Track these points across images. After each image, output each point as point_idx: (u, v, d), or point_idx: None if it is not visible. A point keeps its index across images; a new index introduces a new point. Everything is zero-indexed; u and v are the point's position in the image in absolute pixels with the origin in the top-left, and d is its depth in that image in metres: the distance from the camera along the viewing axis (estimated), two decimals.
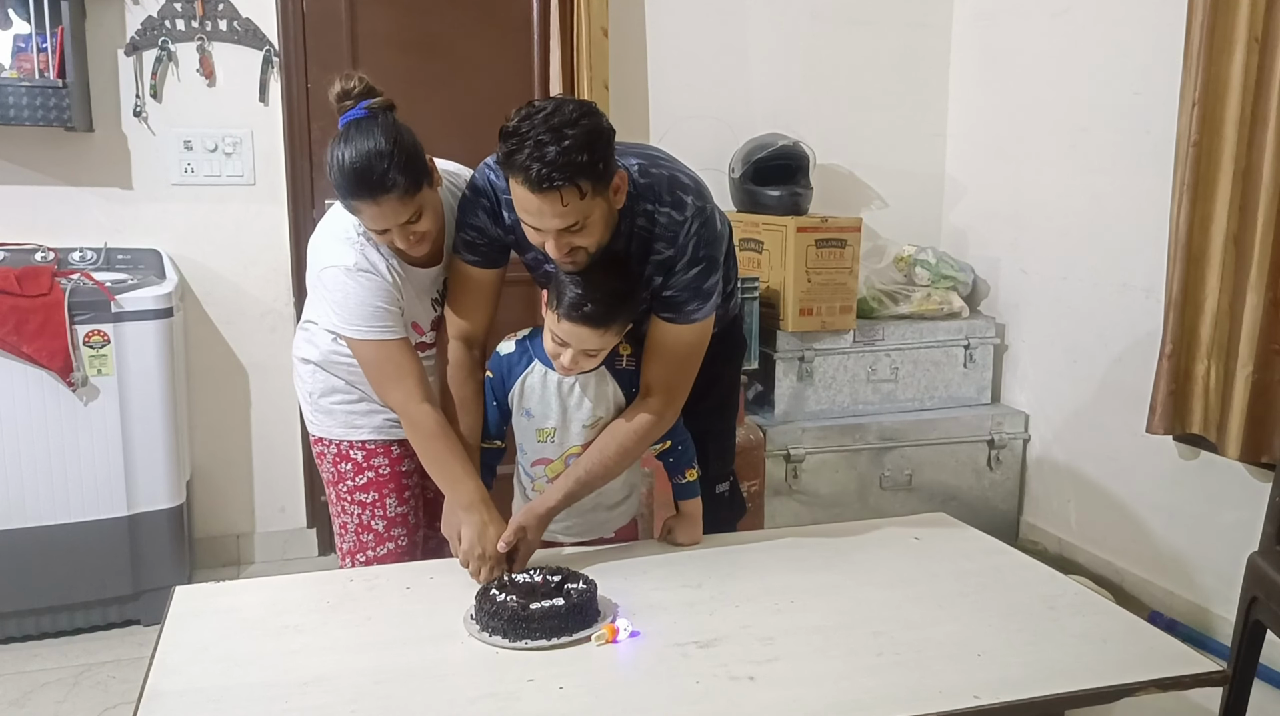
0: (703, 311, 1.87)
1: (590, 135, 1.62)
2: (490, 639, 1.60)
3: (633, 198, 1.80)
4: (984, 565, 1.94)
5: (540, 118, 1.62)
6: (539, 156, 1.59)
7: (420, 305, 2.04)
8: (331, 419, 2.13)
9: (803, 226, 3.31)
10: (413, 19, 3.40)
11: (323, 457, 2.16)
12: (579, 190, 1.63)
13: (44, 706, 2.57)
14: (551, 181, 1.60)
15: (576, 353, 1.80)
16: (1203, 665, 1.58)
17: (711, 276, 1.85)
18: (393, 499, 2.13)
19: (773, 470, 3.33)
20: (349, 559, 2.17)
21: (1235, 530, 2.81)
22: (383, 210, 1.81)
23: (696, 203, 1.82)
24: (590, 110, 1.67)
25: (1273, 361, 2.67)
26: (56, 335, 2.71)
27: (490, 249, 1.95)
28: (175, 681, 1.49)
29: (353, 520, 2.15)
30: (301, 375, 2.17)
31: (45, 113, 2.87)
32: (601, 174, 1.65)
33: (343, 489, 2.14)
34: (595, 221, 1.70)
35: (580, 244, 1.73)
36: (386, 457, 2.12)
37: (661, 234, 1.82)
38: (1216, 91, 2.69)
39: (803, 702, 1.44)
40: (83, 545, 2.84)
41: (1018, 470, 3.64)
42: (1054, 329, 3.50)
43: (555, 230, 1.69)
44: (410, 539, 2.18)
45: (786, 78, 3.76)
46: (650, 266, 1.84)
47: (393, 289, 1.93)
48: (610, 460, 1.89)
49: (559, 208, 1.64)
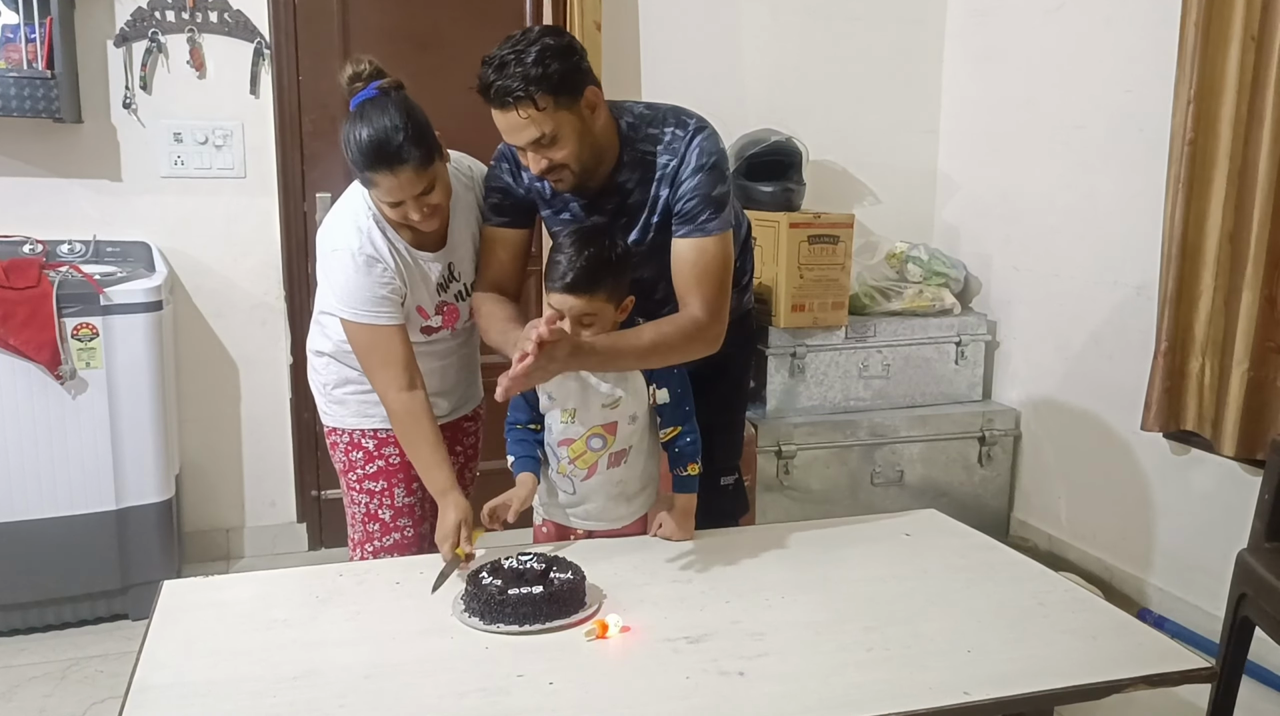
0: (717, 220, 1.92)
1: (547, 51, 1.75)
2: (469, 620, 1.63)
3: (634, 126, 1.93)
4: (974, 561, 1.94)
5: (509, 43, 1.76)
6: (501, 74, 1.74)
7: (425, 289, 2.07)
8: (345, 408, 2.17)
9: (795, 222, 3.31)
10: (405, 11, 3.39)
11: (335, 447, 2.20)
12: (534, 103, 1.75)
13: (31, 700, 2.56)
14: (512, 93, 1.74)
15: (572, 322, 1.83)
16: (1191, 661, 1.58)
17: (719, 184, 1.91)
18: (401, 489, 2.17)
19: (764, 466, 3.33)
20: (358, 549, 2.20)
21: (1224, 527, 2.82)
22: (399, 182, 1.88)
23: (699, 124, 1.94)
24: (555, 31, 1.82)
25: (1267, 358, 2.68)
26: (45, 328, 2.69)
27: (515, 209, 2.06)
28: (163, 675, 1.48)
29: (360, 509, 2.18)
30: (316, 367, 2.22)
31: (34, 104, 2.86)
32: (559, 85, 1.76)
33: (353, 477, 2.18)
34: (566, 135, 1.81)
35: (557, 159, 1.83)
36: (397, 447, 2.14)
37: (666, 149, 1.92)
38: (1212, 89, 2.69)
39: (793, 698, 1.44)
40: (71, 539, 2.83)
41: (1008, 467, 3.65)
42: (1045, 326, 3.51)
43: (528, 145, 1.80)
44: (416, 531, 2.20)
45: (779, 73, 3.75)
46: (655, 183, 1.93)
47: (395, 276, 1.98)
48: (644, 342, 1.85)
49: (520, 120, 1.77)
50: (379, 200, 1.96)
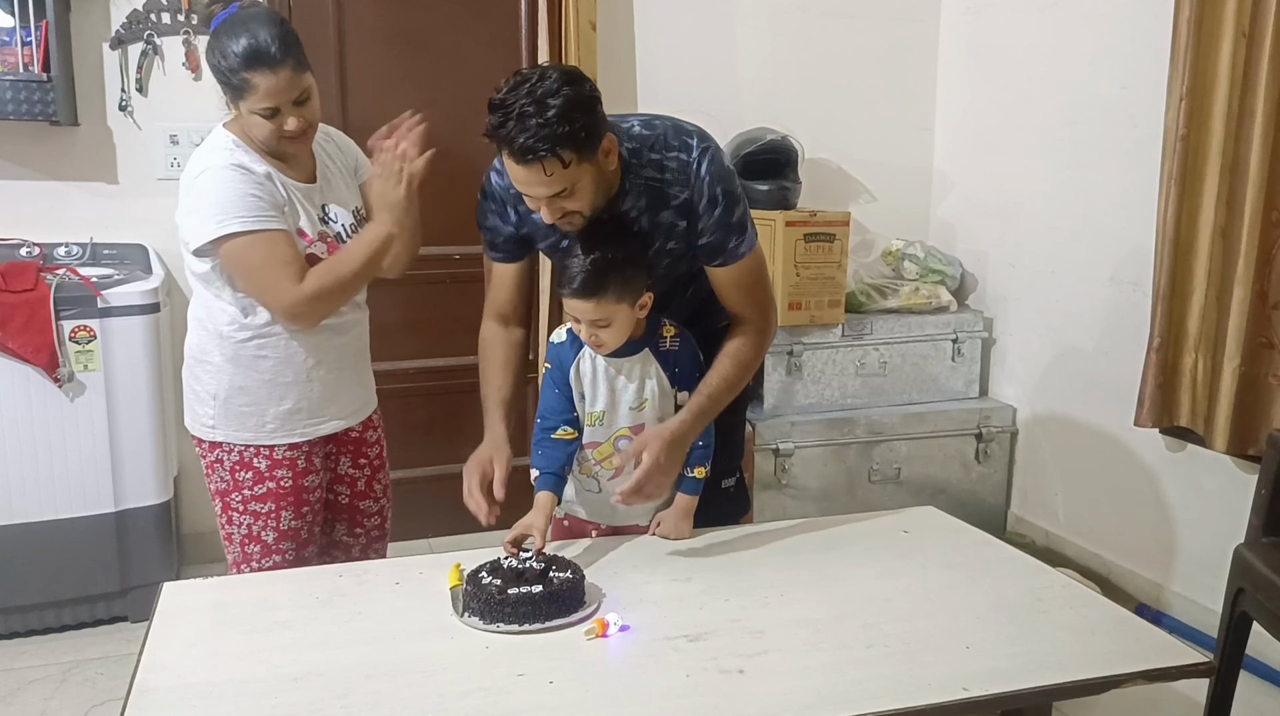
0: (745, 243, 1.92)
1: (571, 104, 1.67)
2: (469, 619, 1.63)
3: (636, 152, 1.86)
4: (972, 558, 1.94)
5: (525, 89, 1.67)
6: (522, 128, 1.65)
7: (301, 214, 2.01)
8: (237, 422, 2.04)
9: (791, 220, 3.32)
10: (400, 12, 3.38)
11: (218, 464, 2.07)
12: (561, 160, 1.68)
13: (32, 703, 2.56)
14: (536, 152, 1.66)
15: (588, 326, 1.84)
16: (1189, 656, 1.58)
17: (736, 209, 1.89)
18: (289, 512, 2.09)
19: (761, 464, 3.34)
20: (235, 569, 2.13)
21: (1222, 522, 2.83)
22: (278, 82, 1.87)
23: (701, 142, 1.89)
24: (574, 78, 1.72)
25: (1260, 354, 2.69)
26: (42, 331, 2.69)
27: (509, 244, 2.02)
28: (163, 677, 1.48)
29: (240, 531, 2.09)
30: (199, 377, 2.07)
31: (30, 107, 2.86)
32: (584, 141, 1.69)
33: (236, 498, 2.07)
34: (584, 186, 1.75)
35: (572, 208, 1.78)
36: (291, 470, 2.07)
37: (674, 178, 1.87)
38: (1204, 85, 2.70)
39: (793, 695, 1.44)
40: (70, 541, 2.83)
41: (1005, 463, 3.66)
42: (1041, 322, 3.51)
43: (545, 197, 1.74)
44: (298, 554, 2.13)
45: (775, 72, 3.75)
46: (670, 212, 1.89)
47: (270, 185, 1.94)
48: (730, 374, 1.94)
49: (544, 177, 1.70)
50: (252, 110, 1.90)
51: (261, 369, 2.03)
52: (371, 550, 2.33)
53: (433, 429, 3.45)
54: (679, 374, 1.96)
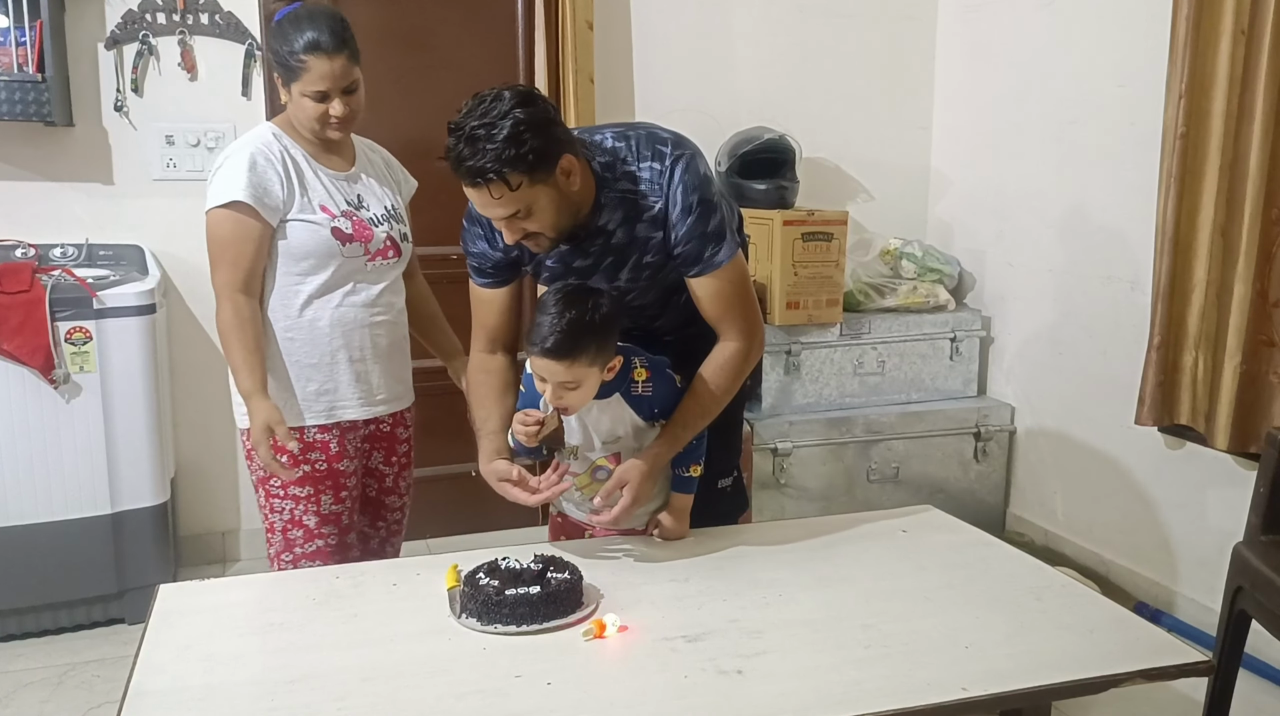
0: (723, 252, 1.87)
1: (519, 127, 1.65)
2: (466, 621, 1.62)
3: (609, 165, 1.84)
4: (971, 557, 1.94)
5: (478, 111, 1.67)
6: (472, 151, 1.65)
7: (325, 192, 2.12)
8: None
9: (789, 220, 3.31)
10: (397, 12, 3.38)
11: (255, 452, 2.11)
12: (508, 183, 1.67)
13: (28, 706, 2.55)
14: (484, 174, 1.66)
15: (555, 387, 1.78)
16: (1188, 655, 1.58)
17: (712, 218, 1.85)
18: (328, 496, 2.14)
19: (760, 464, 3.34)
20: (276, 562, 2.16)
21: (1220, 520, 2.83)
22: (334, 68, 2.01)
23: (675, 151, 1.85)
24: (527, 99, 1.70)
25: (1260, 352, 2.69)
26: (38, 332, 2.68)
27: (496, 269, 2.00)
28: (160, 680, 1.48)
29: (281, 517, 2.13)
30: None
31: (25, 107, 2.85)
32: (534, 164, 1.68)
33: (275, 484, 2.12)
34: (542, 207, 1.74)
35: (532, 229, 1.77)
36: (324, 453, 2.13)
37: (649, 189, 1.85)
38: (1203, 84, 2.69)
39: (791, 696, 1.44)
40: (66, 543, 2.82)
41: (1004, 462, 3.65)
42: (1039, 321, 3.51)
43: (501, 218, 1.75)
44: (340, 540, 2.17)
45: (772, 71, 3.75)
46: (645, 224, 1.86)
47: (279, 185, 2.05)
48: (706, 400, 1.92)
49: (492, 199, 1.70)
50: (304, 92, 2.03)
51: (289, 352, 2.12)
52: (389, 544, 2.39)
53: (431, 430, 3.42)
54: (658, 414, 1.92)
